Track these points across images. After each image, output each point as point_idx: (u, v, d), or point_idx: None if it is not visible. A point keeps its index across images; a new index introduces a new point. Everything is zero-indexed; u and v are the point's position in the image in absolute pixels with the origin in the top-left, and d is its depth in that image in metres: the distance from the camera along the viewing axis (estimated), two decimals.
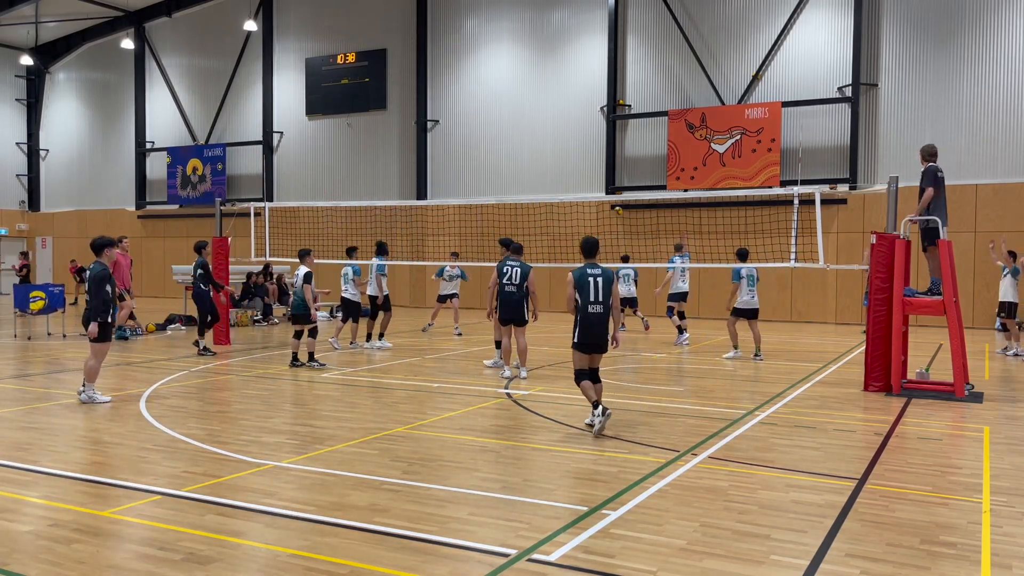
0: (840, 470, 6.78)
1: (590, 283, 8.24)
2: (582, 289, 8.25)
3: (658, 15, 25.21)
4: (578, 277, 8.28)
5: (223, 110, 32.62)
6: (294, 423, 8.71)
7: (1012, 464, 7.10)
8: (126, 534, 5.27)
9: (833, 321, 22.76)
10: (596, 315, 8.23)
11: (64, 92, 36.74)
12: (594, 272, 8.31)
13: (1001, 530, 5.36)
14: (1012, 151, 21.30)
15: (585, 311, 8.23)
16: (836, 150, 23.07)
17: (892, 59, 22.54)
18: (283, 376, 12.12)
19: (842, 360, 14.34)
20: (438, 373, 12.51)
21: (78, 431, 8.23)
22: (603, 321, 8.26)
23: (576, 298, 8.27)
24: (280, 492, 6.07)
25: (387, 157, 29.56)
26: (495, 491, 6.12)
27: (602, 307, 8.24)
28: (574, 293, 8.29)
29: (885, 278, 10.84)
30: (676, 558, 4.78)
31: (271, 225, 17.64)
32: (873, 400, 10.26)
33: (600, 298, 8.23)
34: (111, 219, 34.88)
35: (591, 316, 8.22)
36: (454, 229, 25.01)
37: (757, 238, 18.95)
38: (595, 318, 8.22)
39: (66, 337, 17.29)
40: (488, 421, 8.95)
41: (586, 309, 8.23)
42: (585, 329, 8.23)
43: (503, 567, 4.64)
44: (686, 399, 10.19)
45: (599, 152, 25.97)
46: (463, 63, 28.15)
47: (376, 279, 15.59)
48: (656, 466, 6.84)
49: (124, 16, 33.75)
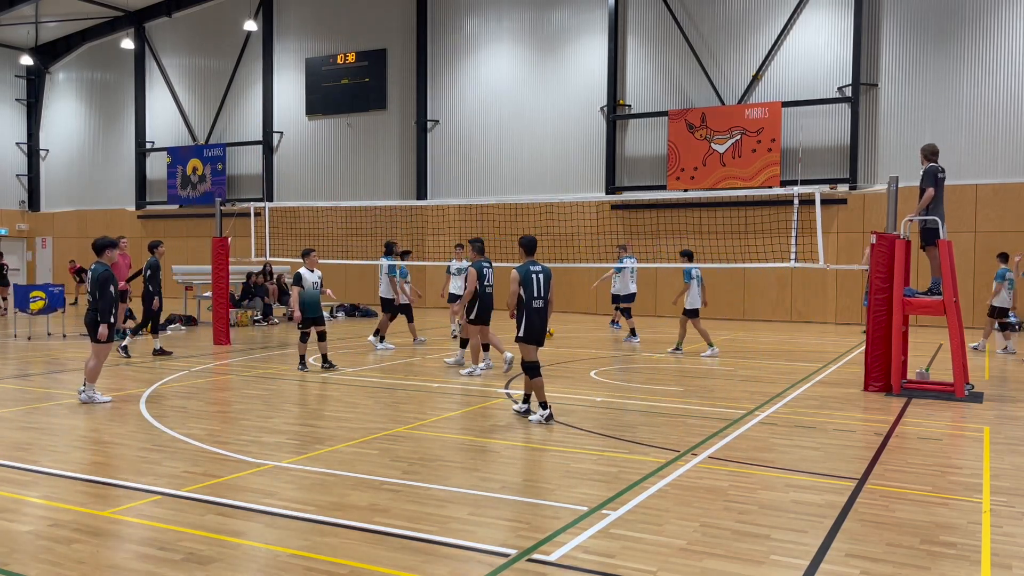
0: (840, 470, 6.78)
1: (533, 280, 8.70)
2: (527, 285, 8.67)
3: (658, 15, 25.21)
4: (523, 274, 8.70)
5: (223, 110, 32.62)
6: (294, 423, 8.71)
7: (1012, 464, 7.10)
8: (126, 534, 5.27)
9: (833, 321, 22.76)
10: (539, 310, 8.72)
11: (64, 92, 36.74)
12: (536, 269, 8.76)
13: (1001, 530, 5.36)
14: (1012, 151, 21.30)
15: (529, 306, 8.68)
16: (836, 150, 23.07)
17: (892, 59, 22.54)
18: (283, 376, 12.12)
19: (842, 360, 14.34)
20: (438, 373, 12.51)
21: (78, 431, 8.23)
22: (544, 315, 8.79)
23: (520, 294, 8.67)
24: (280, 492, 6.07)
25: (387, 157, 29.57)
26: (495, 491, 6.12)
27: (543, 302, 8.75)
28: (518, 289, 8.69)
29: (885, 278, 10.84)
30: (676, 558, 4.79)
31: (271, 225, 17.65)
32: (873, 400, 10.26)
33: (542, 293, 8.73)
34: (111, 219, 34.87)
35: (535, 311, 8.70)
36: (454, 229, 24.99)
37: (757, 238, 18.99)
38: (539, 312, 8.72)
39: (66, 337, 17.29)
40: (488, 421, 8.95)
41: (530, 304, 8.68)
42: (531, 323, 8.69)
43: (503, 567, 4.64)
44: (686, 399, 10.19)
45: (599, 152, 25.97)
46: (463, 63, 28.15)
47: (388, 281, 15.69)
48: (656, 466, 6.84)
49: (124, 16, 33.75)
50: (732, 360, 14.31)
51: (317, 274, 12.76)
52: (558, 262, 19.09)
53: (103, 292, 9.64)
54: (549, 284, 8.80)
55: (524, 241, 8.96)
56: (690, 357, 14.76)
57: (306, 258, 12.95)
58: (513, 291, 8.70)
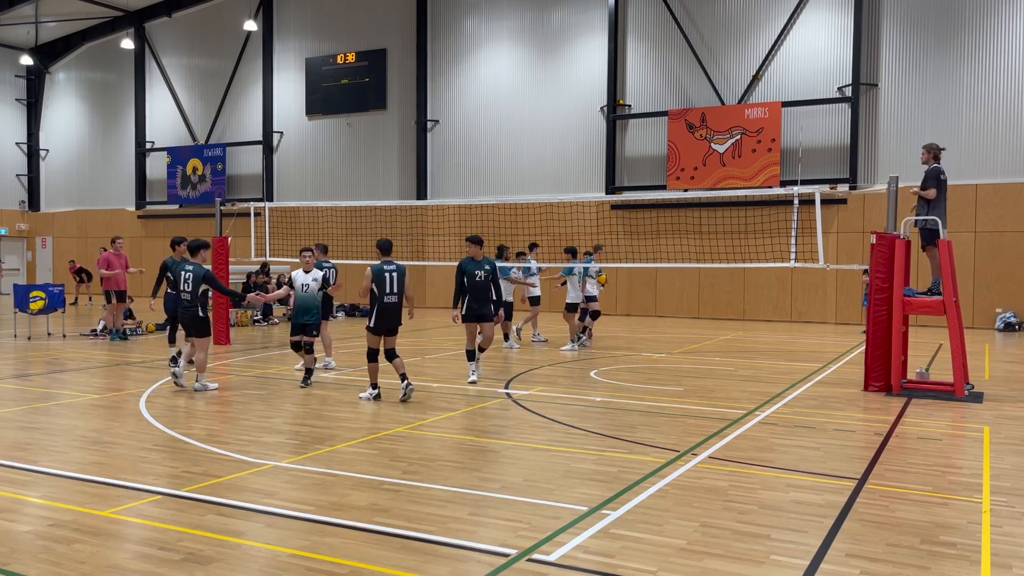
0: (840, 470, 6.78)
1: (386, 278, 9.83)
2: (379, 282, 9.79)
3: (658, 15, 25.20)
4: (377, 272, 9.82)
5: (223, 110, 32.62)
6: (294, 423, 8.71)
7: (1012, 464, 7.09)
8: (126, 534, 5.27)
9: (833, 321, 22.76)
10: (391, 304, 9.86)
11: (64, 92, 36.73)
12: (390, 268, 9.90)
13: (1001, 530, 5.36)
14: (1012, 151, 21.30)
15: (381, 301, 9.80)
16: (836, 150, 23.07)
17: (892, 59, 22.54)
18: (283, 376, 12.12)
19: (842, 360, 14.34)
20: (438, 373, 12.51)
21: (78, 431, 8.23)
22: (396, 309, 9.92)
23: (373, 289, 9.76)
24: (280, 492, 6.07)
25: (387, 157, 29.56)
26: (495, 491, 6.12)
27: (396, 297, 9.88)
28: (370, 285, 9.78)
29: (885, 278, 10.84)
30: (676, 558, 4.78)
31: (271, 225, 17.64)
32: (873, 400, 10.26)
33: (395, 290, 9.85)
34: (111, 219, 34.88)
35: (387, 305, 9.83)
36: (454, 229, 25.01)
37: (757, 238, 18.98)
38: (390, 307, 9.86)
39: (66, 337, 17.29)
40: (488, 421, 8.95)
41: (382, 299, 9.80)
42: (381, 316, 9.82)
43: (503, 567, 4.64)
44: (686, 399, 10.19)
45: (599, 152, 25.97)
46: (463, 63, 28.15)
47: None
48: (656, 466, 6.84)
49: (124, 16, 33.75)
50: (732, 360, 14.31)
51: (313, 275, 11.25)
52: (558, 262, 19.08)
53: (196, 289, 10.52)
54: (403, 281, 9.91)
55: (380, 244, 10.13)
56: (690, 357, 14.76)
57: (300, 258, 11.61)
58: (365, 287, 9.81)
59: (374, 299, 9.82)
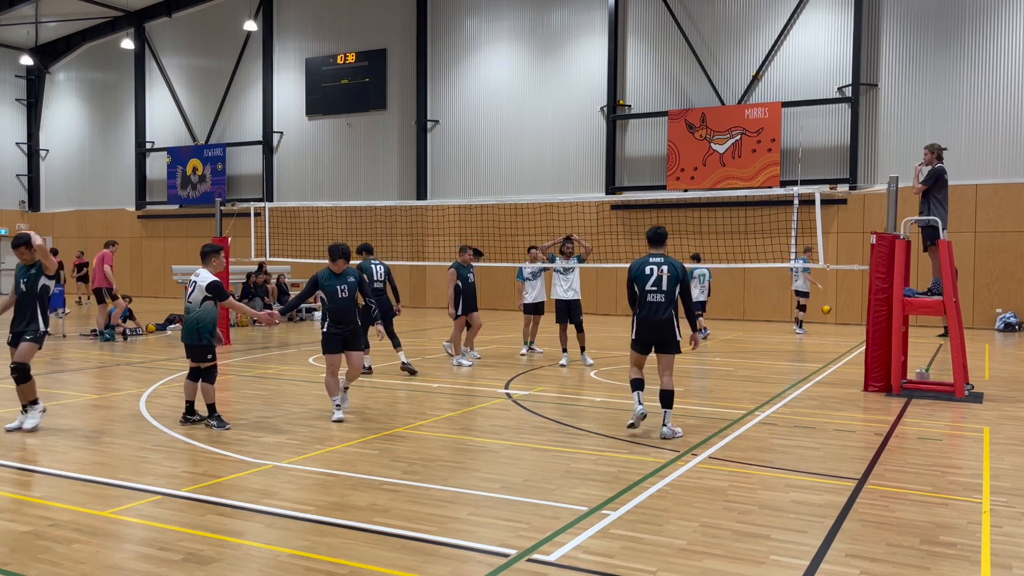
0: (840, 470, 6.78)
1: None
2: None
3: (658, 15, 25.21)
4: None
5: (223, 110, 32.62)
6: (294, 423, 8.71)
7: (1012, 464, 7.09)
8: (126, 534, 5.27)
9: (833, 321, 22.75)
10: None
11: (64, 92, 36.73)
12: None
13: (1001, 530, 5.36)
14: (1012, 151, 21.30)
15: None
16: (836, 150, 23.07)
17: (892, 59, 22.54)
18: (283, 376, 12.12)
19: (842, 360, 14.34)
20: (438, 373, 12.51)
21: (78, 431, 8.23)
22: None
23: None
24: (280, 492, 6.07)
25: (387, 157, 29.57)
26: (495, 491, 6.12)
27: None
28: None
29: (885, 278, 10.84)
30: (676, 558, 4.78)
31: (271, 225, 17.64)
32: (873, 400, 10.26)
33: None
34: (111, 219, 34.89)
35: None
36: (454, 229, 25.01)
37: (757, 238, 18.95)
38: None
39: (66, 337, 17.28)
40: (488, 421, 8.95)
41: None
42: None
43: (503, 567, 4.64)
44: (686, 399, 10.18)
45: (599, 152, 25.97)
46: (463, 63, 28.15)
47: None
48: (656, 466, 6.84)
49: (124, 16, 33.74)
50: (732, 360, 14.30)
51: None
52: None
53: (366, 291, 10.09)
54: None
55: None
56: (690, 356, 14.76)
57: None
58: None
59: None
